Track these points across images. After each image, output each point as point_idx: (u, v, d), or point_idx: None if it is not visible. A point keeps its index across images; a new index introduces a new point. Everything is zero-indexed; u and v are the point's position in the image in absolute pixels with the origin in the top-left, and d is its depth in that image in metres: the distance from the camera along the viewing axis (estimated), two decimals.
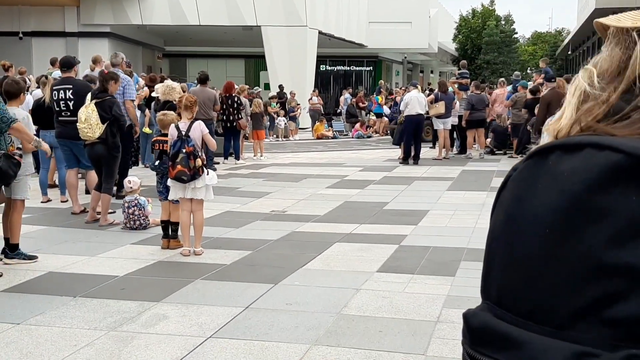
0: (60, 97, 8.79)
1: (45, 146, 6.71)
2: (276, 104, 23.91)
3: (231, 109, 14.69)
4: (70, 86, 8.82)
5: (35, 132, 7.39)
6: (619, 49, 0.71)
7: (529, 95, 15.05)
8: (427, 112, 15.46)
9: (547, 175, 0.64)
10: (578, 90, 0.73)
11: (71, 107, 8.65)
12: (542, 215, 0.63)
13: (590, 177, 0.61)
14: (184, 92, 9.88)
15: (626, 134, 0.65)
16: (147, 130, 12.55)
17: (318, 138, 23.73)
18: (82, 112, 7.97)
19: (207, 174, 6.72)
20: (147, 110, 12.65)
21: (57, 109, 8.82)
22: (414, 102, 14.87)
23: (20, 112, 6.55)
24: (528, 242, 0.63)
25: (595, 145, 0.63)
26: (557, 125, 0.74)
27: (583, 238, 0.60)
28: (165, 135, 7.16)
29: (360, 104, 26.80)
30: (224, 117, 14.67)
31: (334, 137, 24.20)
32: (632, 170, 0.60)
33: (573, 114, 0.72)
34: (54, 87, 8.97)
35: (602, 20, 0.75)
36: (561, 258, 0.61)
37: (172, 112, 7.55)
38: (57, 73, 11.81)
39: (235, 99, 14.80)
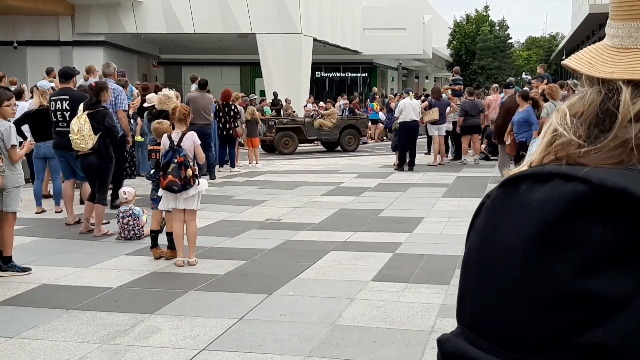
0: (57, 108, 8.79)
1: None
2: (272, 111, 23.92)
3: (227, 117, 14.70)
4: (67, 97, 8.81)
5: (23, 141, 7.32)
6: (595, 96, 0.72)
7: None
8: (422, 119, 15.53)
9: (518, 204, 0.66)
10: (551, 128, 0.74)
11: (67, 118, 8.61)
12: (513, 243, 0.64)
13: (559, 207, 0.62)
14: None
15: (596, 163, 0.67)
16: (138, 138, 12.56)
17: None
18: (75, 123, 7.95)
19: (198, 183, 6.71)
20: (138, 119, 12.65)
21: (54, 119, 8.81)
22: (408, 108, 14.91)
23: (4, 123, 6.46)
24: (500, 269, 0.65)
25: (563, 176, 0.64)
26: (531, 157, 0.75)
27: (552, 267, 0.62)
28: (160, 144, 7.15)
29: (356, 110, 26.83)
30: (220, 125, 14.68)
31: None
32: (598, 201, 0.61)
33: (546, 147, 0.73)
34: (52, 98, 8.99)
35: (572, 66, 0.76)
36: (531, 286, 0.62)
37: (167, 121, 7.55)
38: (42, 83, 11.84)
39: (232, 107, 14.82)
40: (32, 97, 11.17)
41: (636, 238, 0.60)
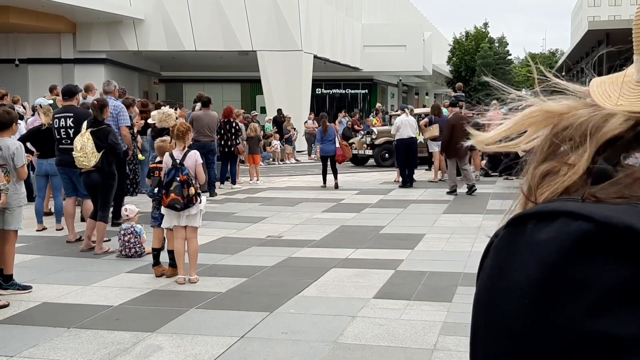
0: (60, 125, 8.83)
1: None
2: (272, 127, 23.96)
3: (229, 134, 14.73)
4: (71, 114, 8.86)
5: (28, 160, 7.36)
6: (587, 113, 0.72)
7: None
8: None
9: (525, 244, 0.64)
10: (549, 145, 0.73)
11: (71, 135, 8.65)
12: (521, 286, 0.63)
13: (565, 247, 0.61)
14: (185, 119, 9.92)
15: (605, 197, 0.65)
16: (140, 157, 12.57)
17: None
18: (78, 141, 7.97)
19: (200, 201, 6.72)
20: (138, 137, 12.66)
21: (58, 136, 8.85)
22: (405, 125, 14.93)
23: (14, 142, 6.54)
24: (509, 312, 0.63)
25: (569, 214, 0.62)
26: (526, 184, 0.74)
27: (561, 309, 0.60)
28: (161, 162, 7.16)
29: (356, 127, 26.87)
30: (222, 142, 14.71)
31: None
32: (604, 239, 0.59)
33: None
34: (55, 115, 9.03)
35: (595, 98, 0.75)
36: (541, 329, 0.61)
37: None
38: (40, 100, 11.93)
39: (233, 124, 14.86)
40: (32, 115, 11.22)
41: None
